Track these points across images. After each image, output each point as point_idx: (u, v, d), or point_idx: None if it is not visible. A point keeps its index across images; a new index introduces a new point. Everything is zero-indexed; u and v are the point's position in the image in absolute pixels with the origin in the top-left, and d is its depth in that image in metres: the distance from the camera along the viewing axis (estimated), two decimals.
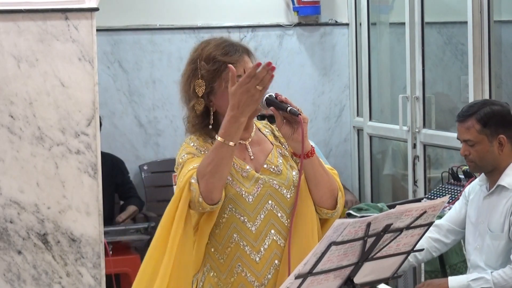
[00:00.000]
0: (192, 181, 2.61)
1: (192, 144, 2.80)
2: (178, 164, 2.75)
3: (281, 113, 2.68)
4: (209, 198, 2.61)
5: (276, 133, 2.86)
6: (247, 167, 2.75)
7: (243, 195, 2.71)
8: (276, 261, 2.71)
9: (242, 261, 2.72)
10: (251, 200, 2.71)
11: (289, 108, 2.64)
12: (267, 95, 2.67)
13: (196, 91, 2.76)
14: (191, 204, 2.63)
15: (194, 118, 2.82)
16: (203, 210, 2.64)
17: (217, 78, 2.73)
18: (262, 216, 2.72)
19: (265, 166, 2.77)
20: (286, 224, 2.73)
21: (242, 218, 2.71)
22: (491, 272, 3.59)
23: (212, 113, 2.78)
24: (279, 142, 2.84)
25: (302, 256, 2.61)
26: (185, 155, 2.76)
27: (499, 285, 3.56)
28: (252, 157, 2.78)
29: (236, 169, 2.74)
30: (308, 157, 2.68)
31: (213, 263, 2.76)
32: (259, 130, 2.85)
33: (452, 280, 3.69)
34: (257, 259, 2.71)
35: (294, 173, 2.78)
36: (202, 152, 2.74)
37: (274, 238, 2.72)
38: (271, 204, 2.73)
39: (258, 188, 2.72)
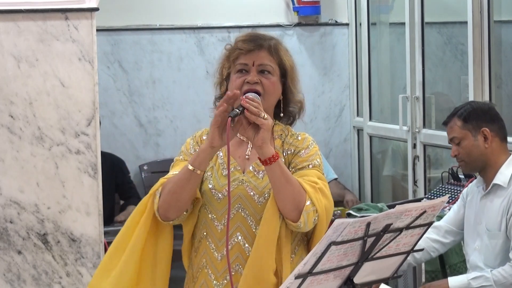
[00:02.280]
0: (157, 194, 2.71)
1: (191, 141, 2.85)
2: (174, 160, 2.87)
3: (246, 115, 2.63)
4: (164, 215, 2.70)
5: (288, 138, 2.82)
6: (237, 166, 2.75)
7: (213, 192, 2.73)
8: (237, 264, 2.71)
9: (207, 257, 2.74)
10: (219, 198, 2.72)
11: (234, 109, 2.60)
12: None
13: (223, 72, 2.82)
14: None
15: (216, 99, 2.86)
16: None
17: (230, 62, 2.77)
18: (230, 217, 2.69)
19: (250, 168, 2.76)
20: (254, 230, 2.70)
21: (210, 215, 2.74)
22: (491, 271, 3.60)
23: None
24: (283, 149, 2.80)
25: (263, 262, 2.63)
26: (180, 154, 2.85)
27: (499, 283, 3.56)
28: (247, 157, 2.77)
29: (219, 164, 2.75)
30: (266, 163, 2.61)
31: (191, 256, 2.82)
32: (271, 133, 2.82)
33: (452, 280, 3.69)
34: (219, 258, 2.72)
35: None
36: (191, 152, 2.80)
37: (239, 241, 2.71)
38: (240, 206, 2.71)
39: (231, 188, 2.70)
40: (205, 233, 2.75)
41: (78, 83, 3.50)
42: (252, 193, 2.72)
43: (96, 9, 3.51)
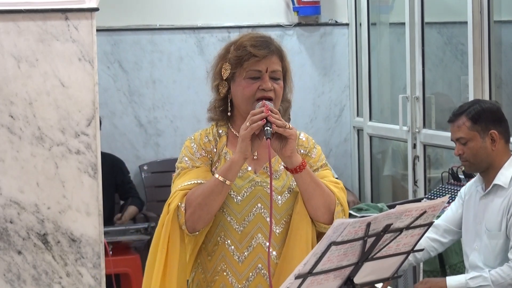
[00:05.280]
0: (182, 208, 2.66)
1: (192, 145, 2.80)
2: (177, 166, 2.80)
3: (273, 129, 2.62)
4: (192, 227, 2.67)
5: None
6: (248, 167, 2.75)
7: (231, 195, 2.70)
8: (260, 265, 2.70)
9: (226, 261, 2.72)
10: (239, 200, 2.70)
11: (265, 128, 2.59)
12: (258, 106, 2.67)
13: (222, 73, 2.77)
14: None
15: (216, 100, 2.83)
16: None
17: (239, 66, 2.74)
18: (250, 218, 2.70)
19: (263, 168, 2.75)
20: (274, 230, 2.70)
21: (229, 218, 2.71)
22: (489, 271, 3.60)
23: (229, 100, 2.80)
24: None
25: (293, 265, 2.61)
26: (185, 159, 2.79)
27: (496, 283, 3.56)
28: (256, 157, 2.76)
29: None
30: (296, 172, 2.64)
31: (202, 260, 2.78)
32: None
33: (450, 279, 3.69)
34: (240, 261, 2.70)
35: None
36: (198, 157, 2.77)
37: (260, 242, 2.69)
38: (260, 207, 2.70)
39: (249, 189, 2.71)
40: (223, 236, 2.72)
41: (78, 83, 3.49)
42: (274, 189, 2.71)
43: (96, 9, 3.51)
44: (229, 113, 2.79)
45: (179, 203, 2.67)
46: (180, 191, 2.69)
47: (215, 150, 2.78)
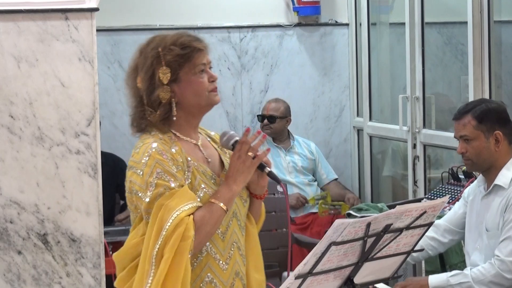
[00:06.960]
0: (191, 235, 2.51)
1: (164, 157, 2.58)
2: (156, 183, 2.55)
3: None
4: (193, 252, 2.58)
5: (213, 138, 2.81)
6: (212, 173, 2.69)
7: None
8: (237, 270, 2.69)
9: (212, 270, 2.65)
10: None
11: (267, 170, 2.66)
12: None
13: (161, 78, 2.63)
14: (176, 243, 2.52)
15: (157, 107, 2.64)
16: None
17: (186, 63, 2.64)
18: (230, 223, 2.68)
19: (224, 172, 2.71)
20: (242, 234, 2.74)
21: None
22: (471, 269, 3.62)
23: (174, 104, 2.65)
24: (220, 148, 2.79)
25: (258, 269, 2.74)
26: (165, 176, 2.56)
27: (477, 280, 3.57)
28: (210, 160, 2.71)
29: (202, 173, 2.66)
30: (262, 198, 2.77)
31: None
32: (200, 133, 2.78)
33: (432, 277, 3.71)
34: (225, 267, 2.67)
35: None
36: (175, 171, 2.58)
37: (236, 247, 2.70)
38: (235, 212, 2.70)
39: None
40: (208, 245, 2.63)
41: (78, 83, 3.50)
42: (240, 197, 2.72)
43: (96, 9, 3.51)
44: (174, 118, 2.64)
45: (191, 231, 2.53)
46: (188, 216, 2.53)
47: (181, 160, 2.63)
